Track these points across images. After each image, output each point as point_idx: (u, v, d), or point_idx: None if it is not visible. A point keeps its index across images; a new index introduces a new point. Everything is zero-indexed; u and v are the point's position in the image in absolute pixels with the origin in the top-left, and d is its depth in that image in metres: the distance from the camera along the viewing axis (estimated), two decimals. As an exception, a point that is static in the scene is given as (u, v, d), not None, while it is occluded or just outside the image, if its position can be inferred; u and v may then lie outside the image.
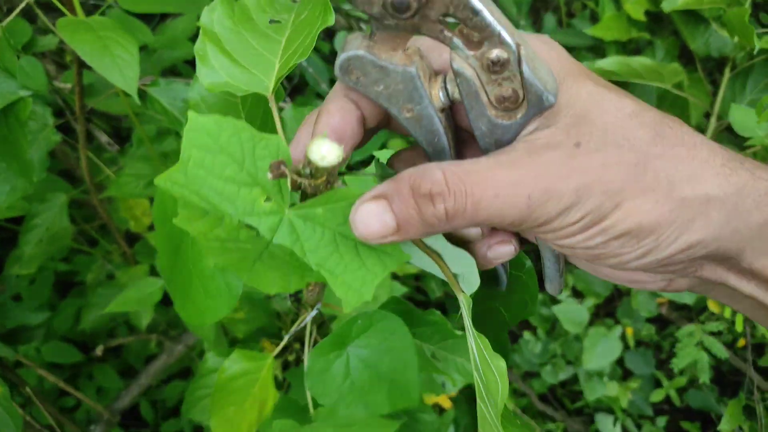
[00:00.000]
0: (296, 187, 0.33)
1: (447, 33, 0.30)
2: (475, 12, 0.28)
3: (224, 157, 0.32)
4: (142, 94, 0.78)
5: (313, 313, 0.68)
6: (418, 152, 0.39)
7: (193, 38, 0.98)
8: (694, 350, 1.05)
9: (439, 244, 0.38)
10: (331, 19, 0.40)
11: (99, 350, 1.10)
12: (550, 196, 0.30)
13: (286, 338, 0.73)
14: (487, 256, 0.37)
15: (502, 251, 0.37)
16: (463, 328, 0.41)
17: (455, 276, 0.38)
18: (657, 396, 1.36)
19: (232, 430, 0.71)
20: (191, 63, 1.29)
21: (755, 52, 0.96)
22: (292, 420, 0.69)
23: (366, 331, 0.55)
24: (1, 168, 0.72)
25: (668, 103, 1.21)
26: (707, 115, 1.19)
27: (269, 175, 0.32)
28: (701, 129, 1.23)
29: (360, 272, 0.34)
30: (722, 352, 1.04)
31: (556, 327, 1.28)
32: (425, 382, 0.85)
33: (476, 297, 0.39)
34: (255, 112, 0.57)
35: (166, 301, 1.40)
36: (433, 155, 0.35)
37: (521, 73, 0.30)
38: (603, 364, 1.16)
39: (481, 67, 0.30)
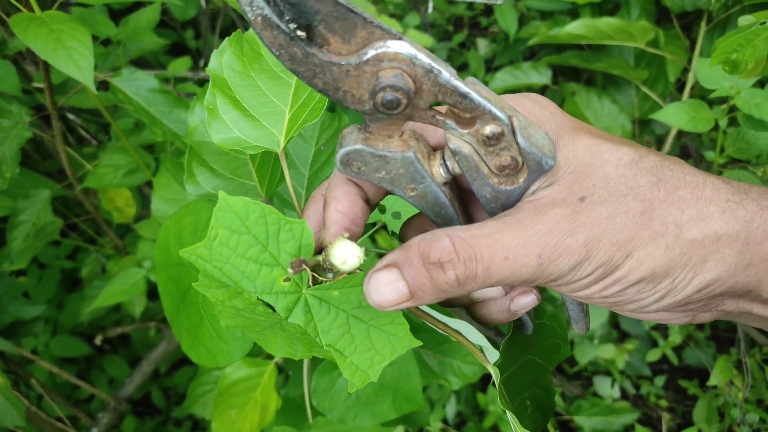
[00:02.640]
0: (316, 282, 0.35)
1: (439, 117, 0.31)
2: (464, 96, 0.29)
3: (249, 238, 0.34)
4: (105, 85, 0.79)
5: None
6: (428, 218, 0.40)
7: (157, 29, 0.99)
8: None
9: (457, 322, 0.39)
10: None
11: (98, 340, 1.14)
12: (561, 253, 0.30)
13: None
14: (510, 308, 0.38)
15: (525, 302, 0.38)
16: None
17: (480, 348, 0.40)
18: (653, 356, 1.36)
19: (234, 430, 0.73)
20: (158, 53, 1.30)
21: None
22: (291, 426, 0.71)
23: None
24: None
25: (645, 62, 1.20)
26: (686, 72, 1.18)
27: (290, 271, 0.33)
28: (680, 85, 1.22)
29: (369, 354, 0.36)
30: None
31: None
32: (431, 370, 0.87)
33: (511, 354, 0.41)
34: (265, 160, 0.58)
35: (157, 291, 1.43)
36: (442, 225, 0.36)
37: (517, 143, 0.31)
38: (592, 326, 1.17)
39: (477, 142, 0.31)
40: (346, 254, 0.33)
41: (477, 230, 0.31)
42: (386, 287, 0.31)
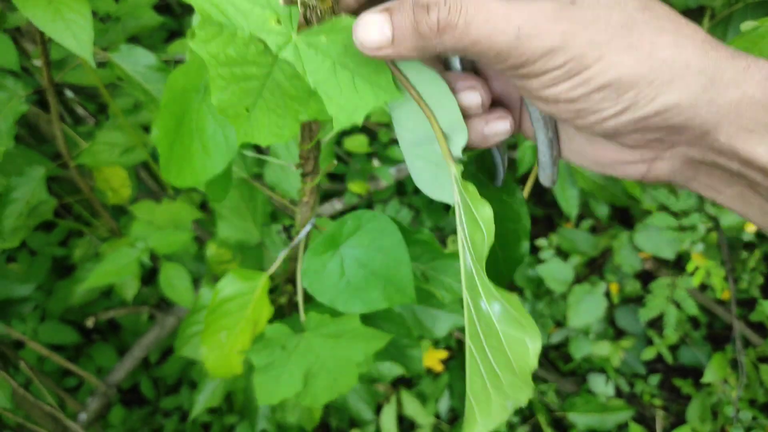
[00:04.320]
0: (304, 17, 0.36)
1: None
2: None
3: None
4: (102, 64, 0.78)
5: (308, 228, 0.69)
6: None
7: (158, 7, 0.98)
8: (663, 302, 1.05)
9: (431, 78, 0.39)
10: None
11: (90, 322, 1.12)
12: (539, 33, 0.32)
13: (281, 255, 0.73)
14: (483, 132, 0.39)
15: (499, 128, 0.39)
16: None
17: (446, 138, 0.40)
18: (648, 354, 1.36)
19: (223, 355, 0.73)
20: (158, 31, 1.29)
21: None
22: (286, 326, 0.70)
23: (357, 232, 0.58)
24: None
25: (648, 57, 1.19)
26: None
27: (280, 1, 0.35)
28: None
29: (354, 99, 0.37)
30: (692, 308, 1.03)
31: (541, 287, 1.28)
32: (417, 320, 0.86)
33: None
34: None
35: (153, 276, 1.42)
36: None
37: None
38: (588, 321, 1.16)
39: None
40: None
41: None
42: (373, 26, 0.34)
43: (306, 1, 0.35)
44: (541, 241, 1.27)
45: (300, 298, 0.72)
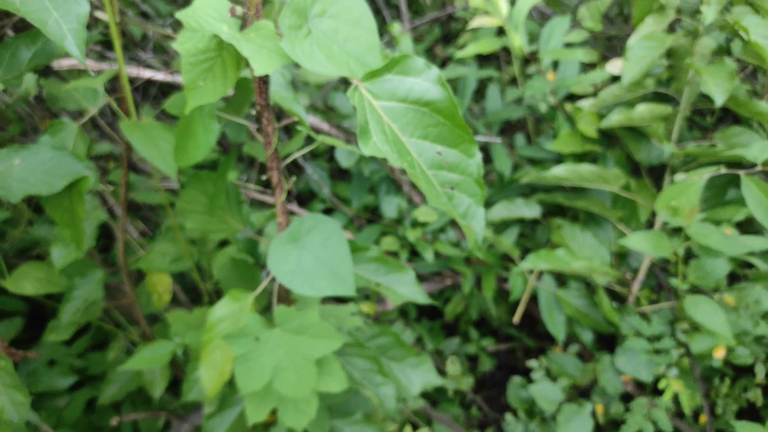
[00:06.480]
0: (242, 25, 0.62)
1: None
2: None
3: None
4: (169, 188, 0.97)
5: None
6: None
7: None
8: (641, 420, 1.15)
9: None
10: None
11: (115, 421, 1.21)
12: None
13: (264, 276, 0.84)
14: None
15: None
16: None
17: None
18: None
19: (218, 372, 0.86)
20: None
21: (667, 156, 1.17)
22: (261, 318, 0.82)
23: (312, 231, 0.72)
24: (61, 236, 0.90)
25: (620, 203, 1.40)
26: (655, 214, 1.38)
27: (228, 15, 0.62)
28: (650, 225, 1.41)
29: None
30: (667, 426, 1.14)
31: (534, 408, 1.37)
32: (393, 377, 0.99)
33: None
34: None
35: (174, 385, 1.52)
36: None
37: None
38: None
39: None
40: None
41: None
42: None
43: (239, 15, 0.60)
44: (532, 363, 1.38)
45: (275, 299, 0.85)
